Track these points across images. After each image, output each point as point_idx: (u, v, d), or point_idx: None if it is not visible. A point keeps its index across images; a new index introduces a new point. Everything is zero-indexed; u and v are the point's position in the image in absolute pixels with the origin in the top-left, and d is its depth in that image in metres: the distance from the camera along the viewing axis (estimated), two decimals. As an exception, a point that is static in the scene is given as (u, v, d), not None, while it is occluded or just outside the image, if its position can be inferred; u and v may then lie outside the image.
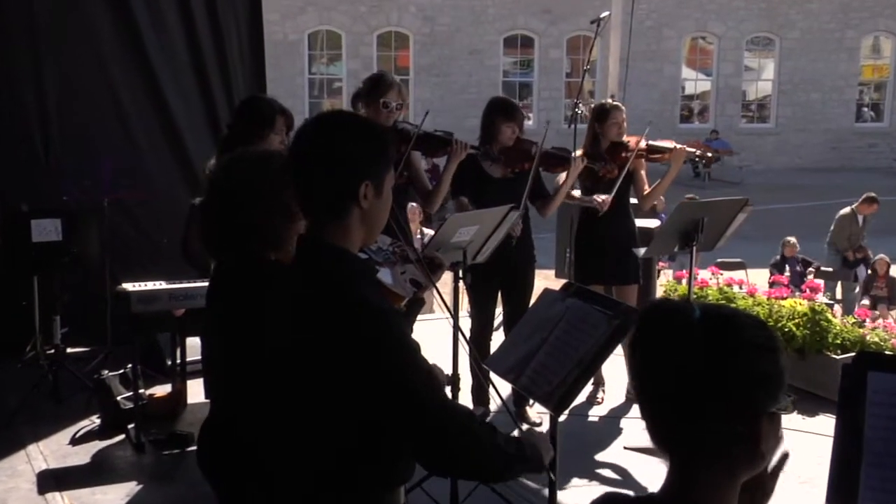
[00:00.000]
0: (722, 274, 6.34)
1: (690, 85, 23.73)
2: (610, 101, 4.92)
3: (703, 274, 6.29)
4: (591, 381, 5.06)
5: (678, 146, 4.78)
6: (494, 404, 4.68)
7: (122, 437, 4.47)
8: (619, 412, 4.98)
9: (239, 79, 6.27)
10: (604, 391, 5.15)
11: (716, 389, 1.12)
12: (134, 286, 4.23)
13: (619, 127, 4.80)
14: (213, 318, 2.21)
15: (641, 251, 4.37)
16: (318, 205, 1.67)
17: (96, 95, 5.79)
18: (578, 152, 4.86)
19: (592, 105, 5.12)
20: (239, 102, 3.86)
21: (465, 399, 4.47)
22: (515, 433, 1.96)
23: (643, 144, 4.80)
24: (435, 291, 2.56)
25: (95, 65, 5.79)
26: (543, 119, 20.70)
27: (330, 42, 21.94)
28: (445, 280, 4.72)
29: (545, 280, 4.58)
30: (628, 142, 4.82)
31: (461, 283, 3.77)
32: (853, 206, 10.66)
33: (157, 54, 5.94)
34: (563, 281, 2.94)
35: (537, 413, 4.71)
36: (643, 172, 4.91)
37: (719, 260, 8.13)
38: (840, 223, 10.62)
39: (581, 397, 5.01)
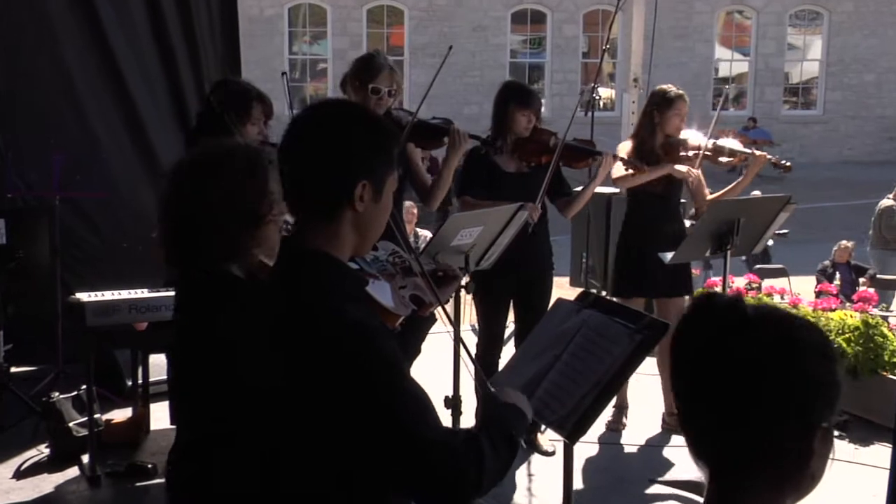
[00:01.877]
0: (761, 282, 6.35)
1: (725, 66, 23.76)
2: (674, 88, 4.87)
3: (739, 282, 6.31)
4: (613, 404, 5.08)
5: (756, 152, 4.74)
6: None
7: (74, 469, 4.48)
8: (645, 440, 4.98)
9: (209, 60, 6.28)
10: (627, 416, 5.15)
11: (766, 393, 1.12)
12: (89, 296, 4.23)
13: (680, 120, 4.81)
14: (177, 334, 2.24)
15: (668, 256, 4.38)
16: (307, 203, 1.68)
17: (45, 78, 5.78)
18: (626, 145, 4.86)
19: (625, 86, 5.13)
20: (210, 87, 3.87)
21: (467, 424, 4.47)
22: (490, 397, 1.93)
23: (708, 144, 4.76)
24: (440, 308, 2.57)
25: (45, 43, 5.79)
26: (556, 106, 20.74)
27: (313, 18, 21.98)
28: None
29: (559, 289, 4.56)
30: (686, 140, 4.81)
31: (463, 293, 3.78)
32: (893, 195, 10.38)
33: (116, 33, 5.96)
34: (579, 290, 2.95)
35: (549, 441, 4.72)
36: (699, 172, 4.89)
37: (758, 266, 8.14)
38: (885, 216, 10.29)
39: (601, 423, 5.02)
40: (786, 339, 1.15)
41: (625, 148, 4.92)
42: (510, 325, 4.83)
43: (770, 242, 10.03)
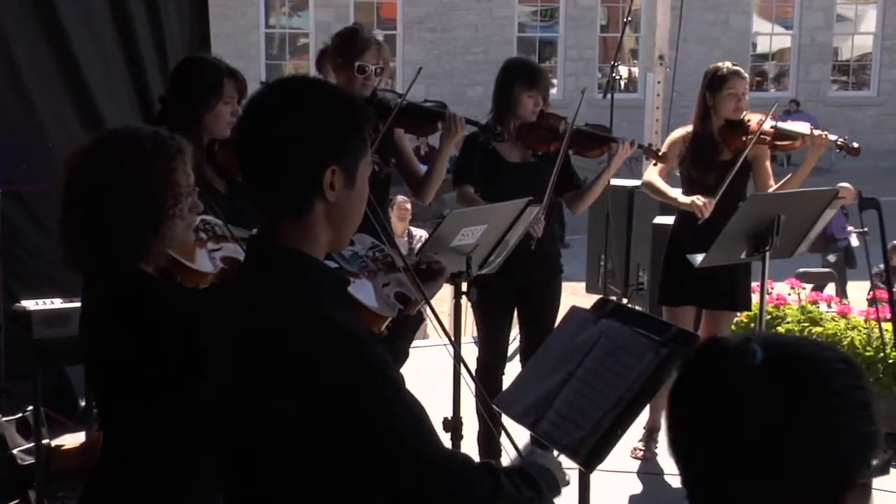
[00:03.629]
0: (805, 288, 6.36)
1: (764, 41, 23.79)
2: (728, 64, 4.86)
3: (780, 288, 6.32)
4: (643, 426, 5.08)
5: (817, 133, 4.74)
6: (507, 456, 4.69)
7: (18, 502, 4.48)
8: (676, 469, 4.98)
9: (174, 35, 6.27)
10: (657, 441, 5.15)
11: (783, 460, 1.11)
12: (36, 304, 4.24)
13: (737, 100, 4.78)
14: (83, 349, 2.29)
15: (698, 259, 4.39)
16: (272, 196, 1.69)
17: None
18: (680, 132, 4.86)
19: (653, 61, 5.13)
20: (174, 67, 3.87)
21: (470, 449, 4.48)
22: (516, 460, 1.99)
23: (768, 126, 4.76)
24: (429, 310, 2.58)
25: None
26: (570, 87, 20.76)
27: (292, -15, 22.02)
28: (444, 296, 4.75)
29: (574, 296, 4.59)
30: (749, 121, 4.81)
31: (464, 300, 3.79)
32: None
33: (67, 4, 5.96)
34: (596, 297, 2.96)
35: (563, 469, 4.72)
36: (767, 163, 4.88)
37: (801, 270, 8.15)
38: None
39: (624, 449, 5.03)
40: (806, 391, 1.13)
41: (673, 137, 4.95)
42: (514, 339, 4.85)
43: (855, 243, 10.02)
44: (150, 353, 2.11)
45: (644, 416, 4.99)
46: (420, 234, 9.41)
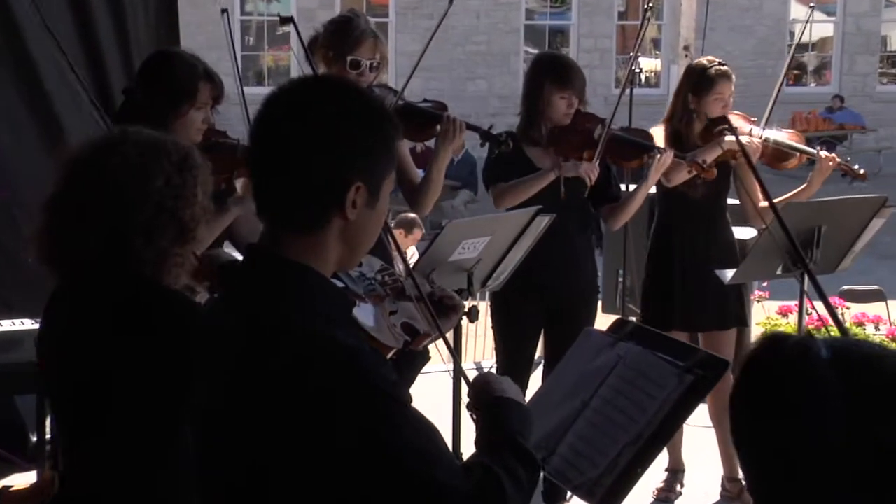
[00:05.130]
0: (850, 307, 6.37)
1: (803, 29, 23.83)
2: (715, 63, 4.83)
3: (822, 308, 6.31)
4: (666, 467, 5.09)
5: (822, 153, 4.71)
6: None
7: (-37, 550, 4.48)
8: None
9: (139, 24, 6.28)
10: (683, 482, 5.17)
11: (853, 466, 1.15)
12: (-18, 326, 4.25)
13: (723, 104, 4.78)
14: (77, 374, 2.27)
15: (728, 275, 4.40)
16: (284, 207, 1.71)
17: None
18: (657, 132, 4.86)
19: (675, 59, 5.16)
20: (142, 63, 3.87)
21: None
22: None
23: (756, 139, 4.72)
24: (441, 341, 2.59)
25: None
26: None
27: (271, -34, 22.10)
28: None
29: (588, 316, 4.61)
30: (736, 127, 4.81)
31: (464, 321, 3.80)
32: None
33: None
34: (614, 317, 2.98)
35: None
36: (750, 170, 4.88)
37: (846, 287, 8.15)
38: None
39: (646, 490, 5.03)
40: (876, 387, 1.17)
41: (656, 136, 4.93)
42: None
43: None
44: (154, 375, 2.12)
45: (664, 455, 4.99)
46: (412, 251, 9.39)
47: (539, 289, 4.22)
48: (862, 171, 4.84)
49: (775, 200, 4.67)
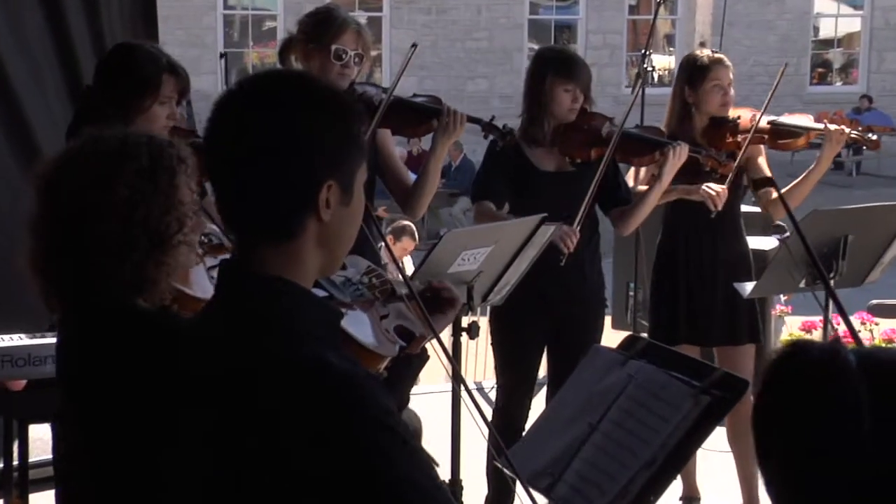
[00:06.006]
0: (878, 323, 6.37)
1: (828, 24, 23.88)
2: (707, 52, 4.86)
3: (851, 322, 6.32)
4: (680, 495, 5.08)
5: (830, 126, 4.67)
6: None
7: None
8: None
9: (113, 16, 6.29)
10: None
11: (883, 472, 1.18)
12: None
13: (723, 92, 4.76)
14: (69, 399, 2.28)
15: (747, 288, 4.39)
16: (253, 217, 1.70)
17: None
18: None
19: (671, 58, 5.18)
20: (103, 57, 3.88)
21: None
22: None
23: (763, 122, 4.75)
24: (437, 344, 2.58)
25: None
26: (592, 80, 20.71)
27: (256, -43, 22.15)
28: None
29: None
30: (737, 117, 4.81)
31: (464, 338, 3.79)
32: None
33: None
34: (624, 334, 2.98)
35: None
36: (763, 161, 4.86)
37: (874, 302, 8.16)
38: None
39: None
40: None
41: None
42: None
43: None
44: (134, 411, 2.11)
45: (678, 483, 4.99)
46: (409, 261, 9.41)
47: (542, 303, 4.20)
48: (875, 138, 4.80)
49: (783, 190, 4.71)
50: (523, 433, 4.53)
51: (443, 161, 4.26)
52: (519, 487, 2.72)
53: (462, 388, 3.18)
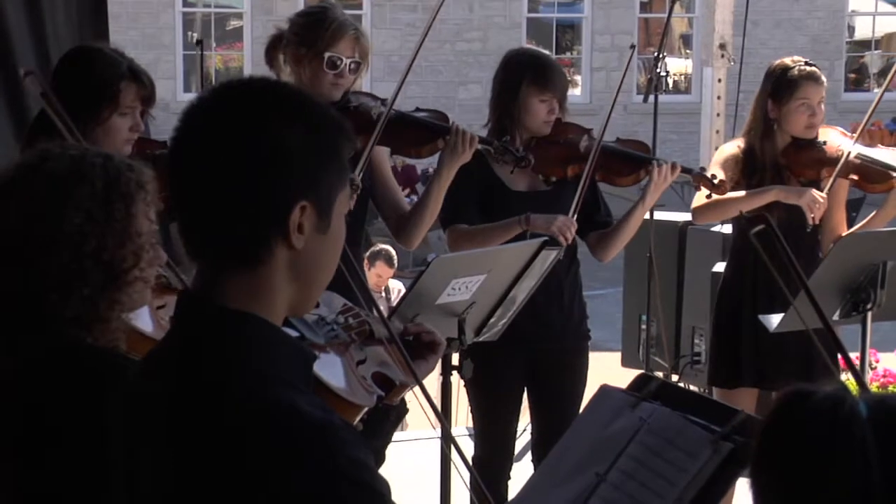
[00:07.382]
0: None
1: (865, 23, 24.01)
2: (800, 62, 4.79)
3: (888, 361, 6.33)
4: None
5: None
6: None
7: None
8: None
9: (58, 18, 6.31)
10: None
11: None
12: None
13: (812, 113, 4.73)
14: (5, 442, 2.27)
15: (773, 321, 4.39)
16: (217, 241, 1.69)
17: None
18: (728, 149, 4.87)
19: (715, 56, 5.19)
20: (59, 60, 3.89)
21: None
22: None
23: (853, 154, 4.68)
24: (420, 392, 2.58)
25: None
26: (599, 86, 20.86)
27: (221, -51, 22.24)
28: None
29: (605, 371, 4.53)
30: (824, 143, 4.78)
31: (455, 378, 3.79)
32: None
33: None
34: (636, 372, 2.97)
35: None
36: (843, 198, 4.88)
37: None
38: None
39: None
40: None
41: (723, 155, 4.91)
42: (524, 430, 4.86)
43: None
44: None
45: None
46: (399, 286, 9.38)
47: (517, 339, 4.18)
48: None
49: (855, 228, 4.69)
50: (505, 478, 4.57)
51: (447, 185, 4.16)
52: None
53: (451, 444, 3.18)
